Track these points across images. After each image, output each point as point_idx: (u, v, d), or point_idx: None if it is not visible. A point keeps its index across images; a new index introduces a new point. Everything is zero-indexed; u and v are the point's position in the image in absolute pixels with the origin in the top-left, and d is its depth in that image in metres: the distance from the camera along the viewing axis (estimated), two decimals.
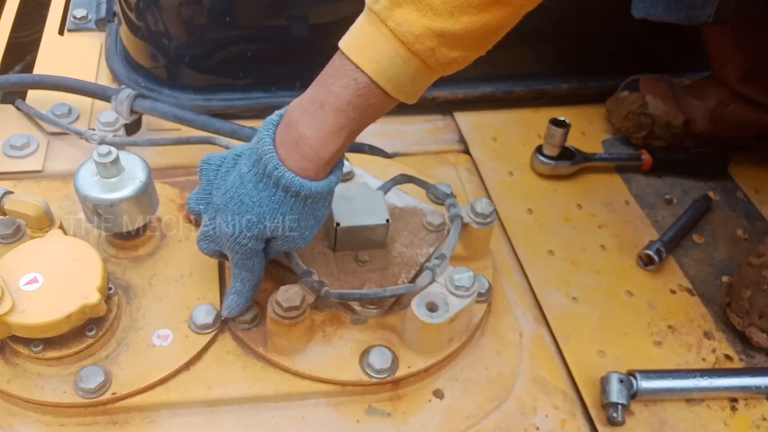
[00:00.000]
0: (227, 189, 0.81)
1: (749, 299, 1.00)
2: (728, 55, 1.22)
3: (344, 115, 0.75)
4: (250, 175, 0.79)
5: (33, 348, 0.84)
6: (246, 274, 0.86)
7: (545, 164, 1.27)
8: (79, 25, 1.49)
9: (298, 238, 0.82)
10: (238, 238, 0.81)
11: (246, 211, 0.79)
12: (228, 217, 0.80)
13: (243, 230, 0.80)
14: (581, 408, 0.94)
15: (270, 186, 0.78)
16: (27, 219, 0.93)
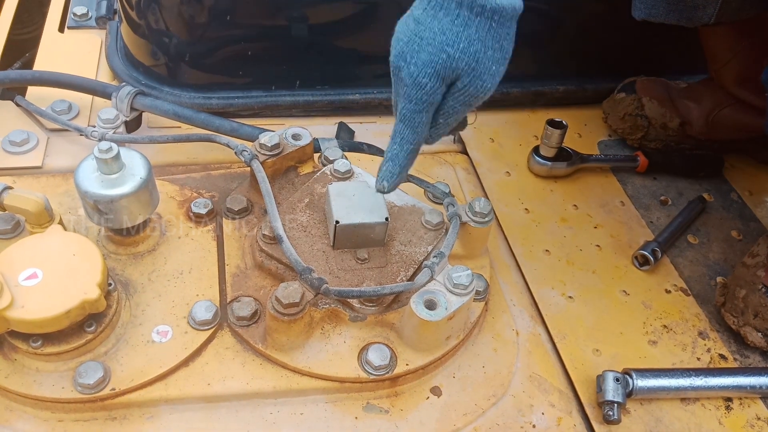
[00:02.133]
0: (402, 37, 0.77)
1: (744, 299, 1.01)
2: (725, 57, 1.23)
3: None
4: (427, 11, 0.74)
5: (32, 343, 0.84)
6: (409, 132, 0.79)
7: (542, 165, 1.28)
8: (79, 22, 1.49)
9: (485, 72, 0.76)
10: (417, 77, 0.75)
11: (426, 45, 0.74)
12: (406, 60, 0.75)
13: (423, 66, 0.74)
14: (577, 406, 0.95)
15: (452, 9, 0.73)
16: (26, 214, 0.93)
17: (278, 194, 1.05)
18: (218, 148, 1.08)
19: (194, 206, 1.05)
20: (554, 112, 1.39)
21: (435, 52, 0.74)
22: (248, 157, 1.02)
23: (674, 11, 1.04)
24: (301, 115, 1.36)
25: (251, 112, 1.34)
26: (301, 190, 1.04)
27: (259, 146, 1.05)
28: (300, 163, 1.10)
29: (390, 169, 0.83)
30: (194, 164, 1.20)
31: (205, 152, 1.22)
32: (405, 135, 0.80)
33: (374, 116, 1.39)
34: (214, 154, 1.21)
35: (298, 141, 1.09)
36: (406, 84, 0.77)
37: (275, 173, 1.07)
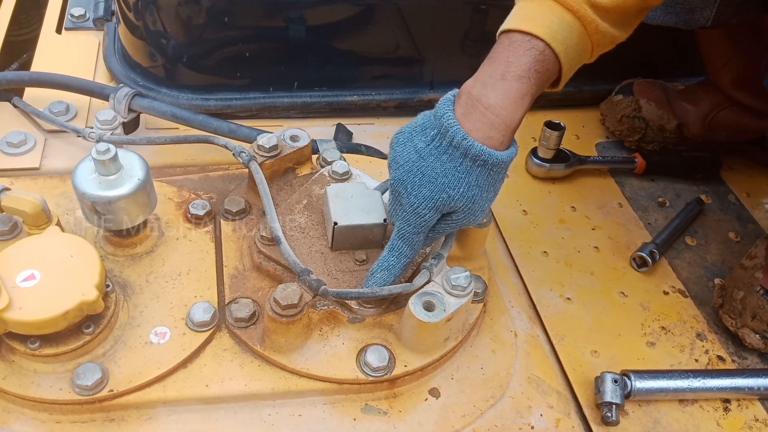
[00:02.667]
0: (402, 164, 0.84)
1: (742, 300, 1.02)
2: (723, 59, 1.24)
3: (526, 82, 0.80)
4: (431, 149, 0.82)
5: (29, 345, 0.84)
6: (407, 249, 0.88)
7: (540, 166, 1.28)
8: (76, 23, 1.49)
9: (478, 210, 0.85)
10: (417, 208, 0.83)
11: (428, 182, 0.82)
12: (408, 189, 0.83)
13: (425, 200, 0.83)
14: (575, 407, 0.95)
15: (456, 157, 0.81)
16: (24, 216, 0.93)
17: (276, 195, 1.05)
18: (216, 149, 1.08)
19: (192, 208, 1.05)
20: (552, 113, 1.39)
21: (436, 191, 0.82)
22: (246, 158, 1.02)
23: (671, 14, 1.04)
24: (299, 117, 1.36)
25: (249, 114, 1.33)
26: (299, 192, 1.04)
27: (257, 148, 1.05)
28: (298, 165, 1.10)
29: (384, 278, 0.89)
30: (192, 165, 1.20)
31: (203, 153, 1.22)
32: (402, 251, 0.88)
33: (372, 118, 1.39)
34: (212, 156, 1.21)
35: (296, 142, 1.09)
36: (405, 210, 0.85)
37: (273, 175, 1.07)
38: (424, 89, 1.40)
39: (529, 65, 0.80)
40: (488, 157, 0.80)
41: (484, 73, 0.82)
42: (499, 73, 0.80)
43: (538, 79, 0.81)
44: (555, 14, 0.79)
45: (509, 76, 0.80)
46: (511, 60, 0.80)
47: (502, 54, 0.81)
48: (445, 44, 1.36)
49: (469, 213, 0.85)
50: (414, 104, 1.39)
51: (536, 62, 0.80)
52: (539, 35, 0.79)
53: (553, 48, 0.79)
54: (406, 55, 1.37)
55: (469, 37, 1.36)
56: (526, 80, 0.80)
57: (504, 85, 0.80)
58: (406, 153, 0.84)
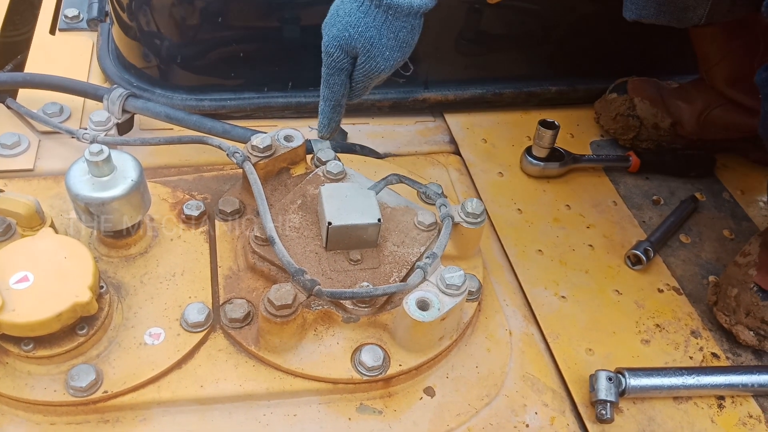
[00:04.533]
0: (330, 10, 0.91)
1: (736, 298, 1.02)
2: (716, 58, 1.24)
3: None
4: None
5: (23, 347, 0.83)
6: (327, 91, 0.93)
7: (534, 165, 1.28)
8: (70, 24, 1.49)
9: (378, 56, 0.89)
10: (327, 47, 0.90)
11: (337, 22, 0.88)
12: (325, 30, 0.90)
13: (331, 39, 0.89)
14: (570, 405, 0.95)
15: (364, 2, 0.86)
16: (17, 217, 0.92)
17: (271, 196, 1.05)
18: (210, 149, 1.08)
19: (186, 208, 1.04)
20: (546, 112, 1.40)
21: (341, 29, 0.88)
22: (240, 158, 1.02)
23: (665, 12, 1.04)
24: (294, 117, 1.36)
25: (243, 114, 1.33)
26: (293, 192, 1.04)
27: (251, 148, 1.05)
28: (292, 165, 1.10)
29: (321, 121, 0.98)
30: (186, 166, 1.20)
31: (197, 154, 1.22)
32: (324, 93, 0.95)
33: (367, 117, 1.39)
34: (206, 156, 1.21)
35: (290, 142, 1.09)
36: (322, 51, 0.91)
37: (267, 175, 1.07)
38: (418, 88, 1.40)
39: None
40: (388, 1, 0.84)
41: None
42: None
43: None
44: None
45: None
46: None
47: None
48: (439, 43, 1.36)
49: (369, 57, 0.88)
50: (409, 104, 1.39)
51: None
52: None
53: None
54: None
55: (463, 37, 1.36)
56: None
57: None
58: (337, 1, 0.90)
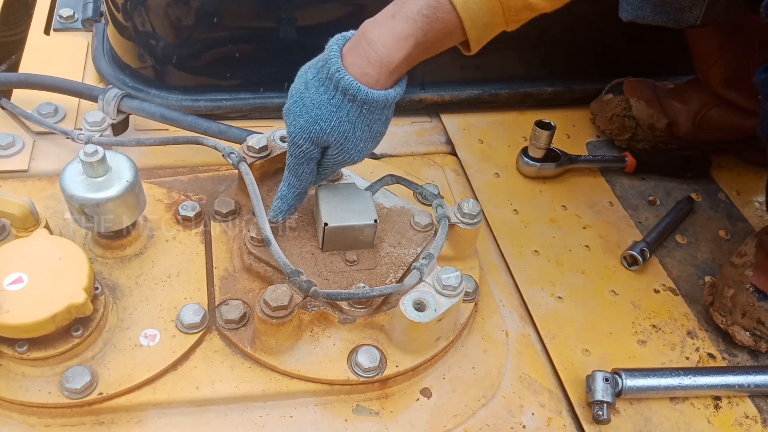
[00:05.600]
0: (293, 94, 0.86)
1: (732, 298, 1.02)
2: (712, 58, 1.24)
3: (413, 24, 0.80)
4: (314, 81, 0.83)
5: (17, 348, 0.83)
6: (293, 179, 0.90)
7: (531, 166, 1.28)
8: (65, 24, 1.48)
9: (352, 148, 0.85)
10: (294, 138, 0.85)
11: (305, 113, 0.83)
12: (290, 118, 0.85)
13: (300, 131, 0.84)
14: (567, 406, 0.95)
15: (330, 89, 0.82)
16: (12, 218, 0.92)
17: (266, 197, 1.04)
18: (206, 150, 1.07)
19: (182, 209, 1.04)
20: (542, 113, 1.40)
21: (311, 122, 0.83)
22: (236, 159, 1.02)
23: (661, 12, 1.05)
24: None
25: (239, 114, 1.33)
26: None
27: (246, 148, 1.05)
28: None
29: (279, 206, 0.93)
30: (182, 167, 1.20)
31: (192, 155, 1.21)
32: (291, 181, 0.91)
33: None
34: (201, 157, 1.20)
35: (286, 143, 1.08)
36: (289, 141, 0.87)
37: (263, 175, 1.06)
38: (415, 89, 1.39)
39: (419, 8, 0.79)
40: (357, 92, 0.80)
41: (382, 11, 0.83)
42: (391, 12, 0.81)
43: (427, 25, 0.79)
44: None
45: (398, 15, 0.80)
46: (406, 1, 0.81)
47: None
48: None
49: (342, 150, 0.85)
50: (405, 104, 1.39)
51: (428, 7, 0.79)
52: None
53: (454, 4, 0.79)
54: None
55: None
56: (412, 22, 0.79)
57: (390, 24, 0.80)
58: (298, 83, 0.86)
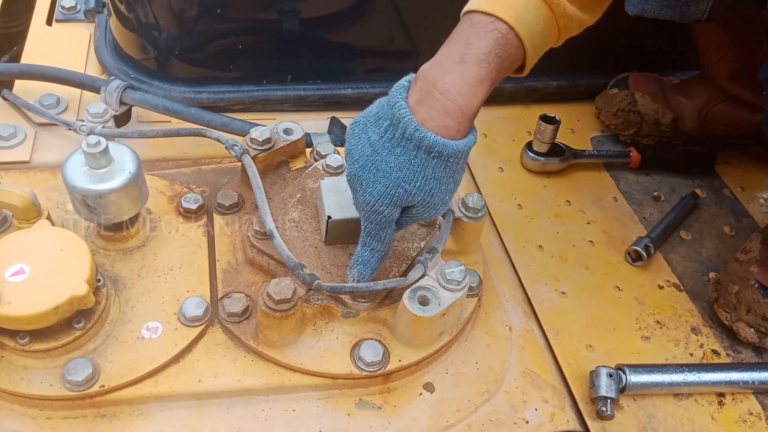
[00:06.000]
0: (356, 158, 0.80)
1: (737, 294, 1.01)
2: (719, 53, 1.23)
3: (486, 66, 0.75)
4: (384, 141, 0.78)
5: (19, 340, 0.82)
6: (377, 244, 0.85)
7: (535, 160, 1.28)
8: (67, 15, 1.47)
9: (438, 203, 0.81)
10: (374, 205, 0.79)
11: (382, 177, 0.77)
12: (363, 185, 0.79)
13: (380, 197, 0.79)
14: (570, 401, 0.94)
15: (410, 149, 0.76)
16: (13, 209, 0.92)
17: (269, 189, 1.04)
18: (209, 142, 1.07)
19: (184, 201, 1.04)
20: (547, 107, 1.39)
21: (392, 186, 0.78)
22: (239, 151, 1.01)
23: (667, 7, 1.04)
24: (293, 110, 1.35)
25: (242, 107, 1.32)
26: (292, 186, 1.03)
27: (250, 141, 1.04)
28: (292, 158, 1.09)
29: (362, 271, 0.87)
30: (184, 159, 1.19)
31: (195, 147, 1.21)
32: (373, 246, 0.86)
33: None
34: (204, 149, 1.20)
35: (289, 136, 1.08)
36: (363, 208, 0.81)
37: (266, 168, 1.06)
38: None
39: (489, 48, 0.75)
40: (443, 149, 0.75)
41: (442, 56, 0.77)
42: (458, 56, 0.76)
43: (499, 64, 0.76)
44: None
45: (468, 59, 0.75)
46: (471, 42, 0.76)
47: (462, 35, 0.77)
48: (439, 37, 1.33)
49: (428, 207, 0.81)
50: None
51: (498, 46, 0.75)
52: (503, 17, 0.75)
53: (516, 32, 0.76)
54: (401, 48, 1.36)
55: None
56: (486, 64, 0.75)
57: (462, 69, 0.75)
58: (360, 146, 0.79)
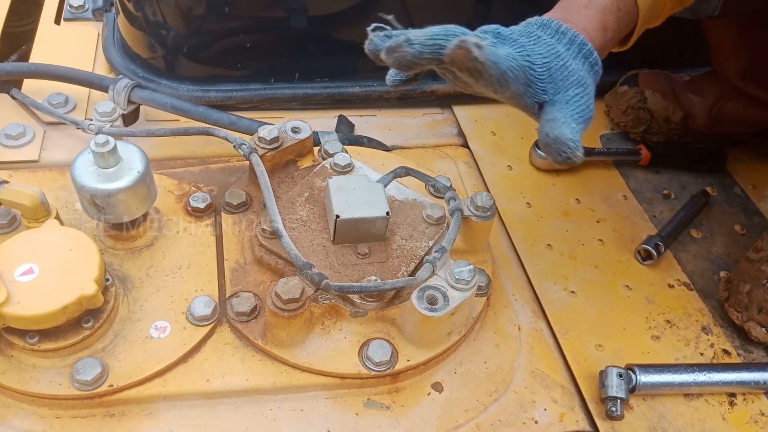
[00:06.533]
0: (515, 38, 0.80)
1: (748, 294, 1.01)
2: (730, 50, 1.22)
3: (610, 15, 0.79)
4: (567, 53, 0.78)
5: (28, 339, 0.83)
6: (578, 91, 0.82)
7: (544, 158, 1.27)
8: (75, 14, 1.48)
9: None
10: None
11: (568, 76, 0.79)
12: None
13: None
14: (580, 401, 0.94)
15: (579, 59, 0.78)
16: (22, 209, 0.92)
17: (278, 188, 1.04)
18: (217, 141, 1.07)
19: (193, 200, 1.04)
20: None
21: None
22: (247, 150, 1.01)
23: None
24: (301, 108, 1.35)
25: (250, 105, 1.32)
26: (300, 184, 1.03)
27: (258, 139, 1.04)
28: (299, 157, 1.09)
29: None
30: (192, 158, 1.19)
31: (203, 146, 1.21)
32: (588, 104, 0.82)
33: (374, 109, 1.38)
34: (212, 148, 1.20)
35: (297, 134, 1.07)
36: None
37: (274, 167, 1.06)
38: (426, 80, 1.38)
39: (611, 1, 0.78)
40: (592, 50, 0.78)
41: (560, 7, 0.79)
42: (583, 3, 0.78)
43: (620, 18, 0.79)
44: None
45: (593, 6, 0.78)
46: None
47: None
48: None
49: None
50: (417, 95, 1.38)
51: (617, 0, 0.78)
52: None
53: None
54: None
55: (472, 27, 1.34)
56: (609, 14, 0.78)
57: (588, 13, 0.78)
58: (540, 47, 0.78)
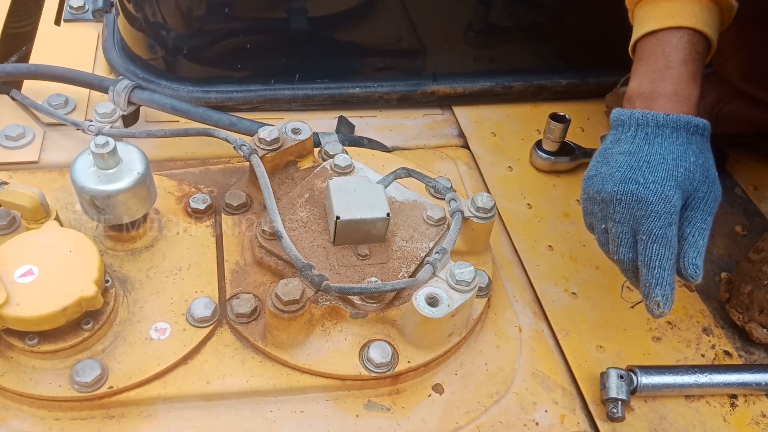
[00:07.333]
0: (614, 171, 0.83)
1: (749, 295, 1.00)
2: (730, 51, 1.21)
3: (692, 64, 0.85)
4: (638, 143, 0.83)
5: (28, 341, 0.83)
6: (666, 251, 0.79)
7: (544, 159, 1.27)
8: (75, 15, 1.48)
9: (715, 180, 0.84)
10: (662, 192, 0.79)
11: (658, 165, 0.81)
12: (640, 180, 0.80)
13: (665, 180, 0.80)
14: (581, 403, 0.94)
15: (668, 134, 0.82)
16: (22, 210, 0.92)
17: (278, 189, 1.03)
18: (217, 142, 1.07)
19: (193, 202, 1.03)
20: (557, 105, 1.38)
21: (671, 168, 0.80)
22: (247, 151, 1.01)
23: None
24: (301, 109, 1.35)
25: (250, 106, 1.32)
26: (300, 186, 1.03)
27: (258, 141, 1.04)
28: (300, 158, 1.09)
29: (663, 292, 0.80)
30: (192, 159, 1.19)
31: (203, 147, 1.21)
32: (663, 255, 0.79)
33: (375, 110, 1.38)
34: (212, 149, 1.20)
35: (297, 135, 1.07)
36: (651, 202, 0.79)
37: (275, 168, 1.06)
38: (427, 81, 1.38)
39: (689, 50, 0.84)
40: (698, 123, 0.82)
41: (642, 74, 0.85)
42: (662, 66, 0.83)
43: (699, 61, 0.85)
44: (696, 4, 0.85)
45: (673, 64, 0.84)
46: (668, 51, 0.84)
47: (653, 51, 0.85)
48: (448, 35, 1.34)
49: (709, 184, 0.82)
50: (417, 96, 1.38)
51: (692, 46, 0.84)
52: (687, 25, 0.84)
53: (704, 32, 0.85)
54: (409, 47, 1.35)
55: (472, 28, 1.34)
56: (690, 63, 0.84)
57: (673, 73, 0.83)
58: (607, 162, 0.84)
